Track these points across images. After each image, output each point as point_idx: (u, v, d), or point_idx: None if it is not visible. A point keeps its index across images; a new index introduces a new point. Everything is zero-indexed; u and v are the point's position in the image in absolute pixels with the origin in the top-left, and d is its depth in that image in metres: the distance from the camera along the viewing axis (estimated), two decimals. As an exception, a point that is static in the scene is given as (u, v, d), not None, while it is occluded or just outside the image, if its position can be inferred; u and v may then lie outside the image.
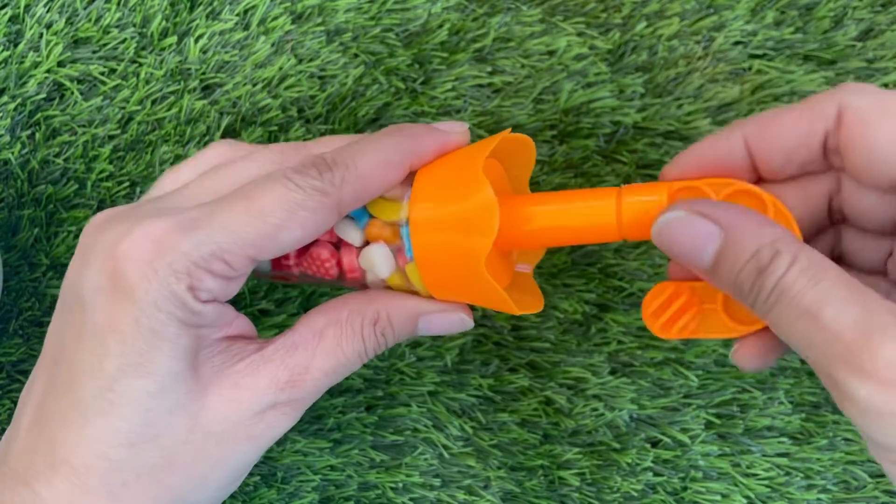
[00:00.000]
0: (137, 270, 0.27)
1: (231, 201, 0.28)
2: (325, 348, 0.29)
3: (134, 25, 0.40)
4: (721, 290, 0.27)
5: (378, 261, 0.30)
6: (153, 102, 0.40)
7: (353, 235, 0.30)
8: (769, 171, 0.28)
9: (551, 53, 0.39)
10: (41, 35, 0.40)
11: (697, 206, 0.26)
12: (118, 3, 0.40)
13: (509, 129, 0.30)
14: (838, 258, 0.30)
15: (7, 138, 0.40)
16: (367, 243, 0.30)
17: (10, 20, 0.40)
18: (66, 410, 0.28)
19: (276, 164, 0.30)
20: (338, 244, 0.31)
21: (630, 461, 0.38)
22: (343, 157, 0.29)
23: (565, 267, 0.39)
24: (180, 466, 0.28)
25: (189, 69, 0.40)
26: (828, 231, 0.30)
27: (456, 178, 0.29)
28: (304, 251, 0.31)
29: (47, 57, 0.40)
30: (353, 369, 0.30)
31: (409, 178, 0.30)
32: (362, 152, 0.29)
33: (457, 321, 0.31)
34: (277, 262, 0.32)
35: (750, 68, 0.38)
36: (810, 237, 0.30)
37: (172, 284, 0.27)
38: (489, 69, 0.39)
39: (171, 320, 0.27)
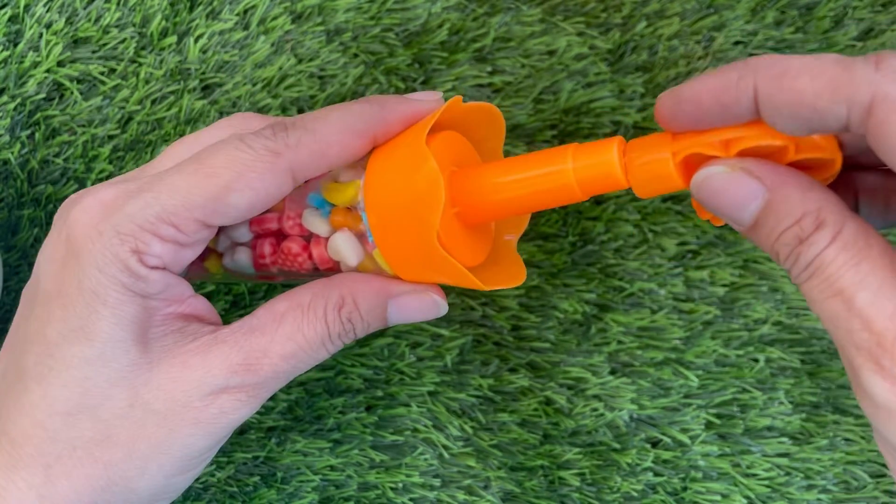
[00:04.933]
0: (83, 234, 0.27)
1: (182, 165, 0.27)
2: (284, 332, 0.28)
3: (133, 25, 0.40)
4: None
5: (343, 249, 0.29)
6: (153, 102, 0.40)
7: (319, 226, 0.29)
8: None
9: (551, 53, 0.39)
10: (41, 35, 0.40)
11: (742, 162, 0.25)
12: (118, 3, 0.40)
13: (459, 98, 0.28)
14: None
15: (7, 138, 0.40)
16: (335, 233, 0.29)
17: (9, 20, 0.40)
18: (11, 381, 0.28)
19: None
20: (309, 237, 0.30)
21: (630, 461, 0.38)
22: (304, 119, 0.28)
23: (565, 267, 0.39)
24: (118, 443, 0.27)
25: (189, 69, 0.40)
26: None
27: (403, 154, 0.28)
28: (276, 247, 0.31)
29: (47, 57, 0.40)
30: (317, 357, 0.29)
31: (367, 159, 0.29)
32: (325, 116, 0.28)
33: (429, 303, 0.29)
34: (256, 262, 0.31)
35: (750, 68, 0.38)
36: None
37: (116, 246, 0.26)
38: (489, 69, 0.39)
39: (113, 283, 0.27)
